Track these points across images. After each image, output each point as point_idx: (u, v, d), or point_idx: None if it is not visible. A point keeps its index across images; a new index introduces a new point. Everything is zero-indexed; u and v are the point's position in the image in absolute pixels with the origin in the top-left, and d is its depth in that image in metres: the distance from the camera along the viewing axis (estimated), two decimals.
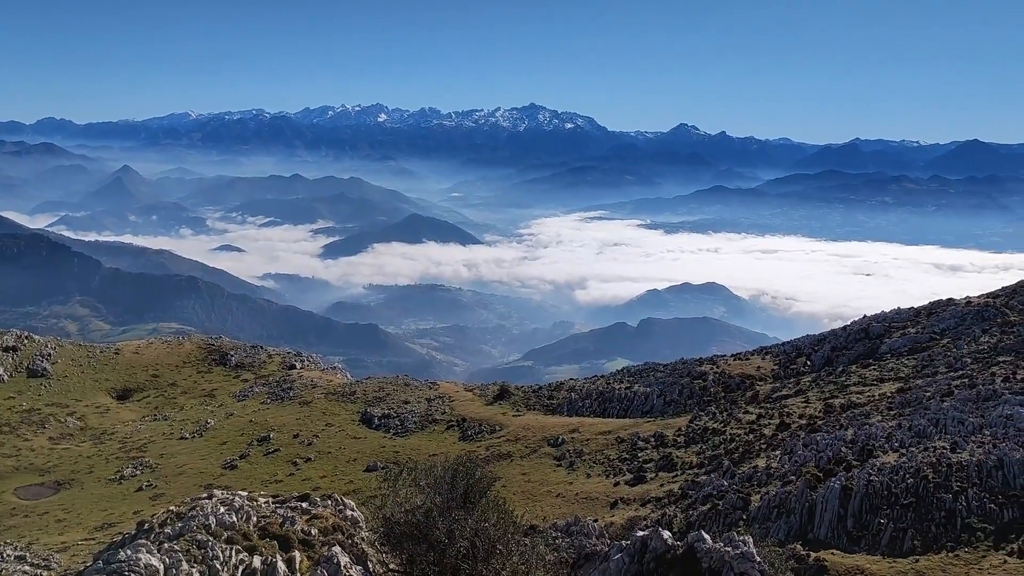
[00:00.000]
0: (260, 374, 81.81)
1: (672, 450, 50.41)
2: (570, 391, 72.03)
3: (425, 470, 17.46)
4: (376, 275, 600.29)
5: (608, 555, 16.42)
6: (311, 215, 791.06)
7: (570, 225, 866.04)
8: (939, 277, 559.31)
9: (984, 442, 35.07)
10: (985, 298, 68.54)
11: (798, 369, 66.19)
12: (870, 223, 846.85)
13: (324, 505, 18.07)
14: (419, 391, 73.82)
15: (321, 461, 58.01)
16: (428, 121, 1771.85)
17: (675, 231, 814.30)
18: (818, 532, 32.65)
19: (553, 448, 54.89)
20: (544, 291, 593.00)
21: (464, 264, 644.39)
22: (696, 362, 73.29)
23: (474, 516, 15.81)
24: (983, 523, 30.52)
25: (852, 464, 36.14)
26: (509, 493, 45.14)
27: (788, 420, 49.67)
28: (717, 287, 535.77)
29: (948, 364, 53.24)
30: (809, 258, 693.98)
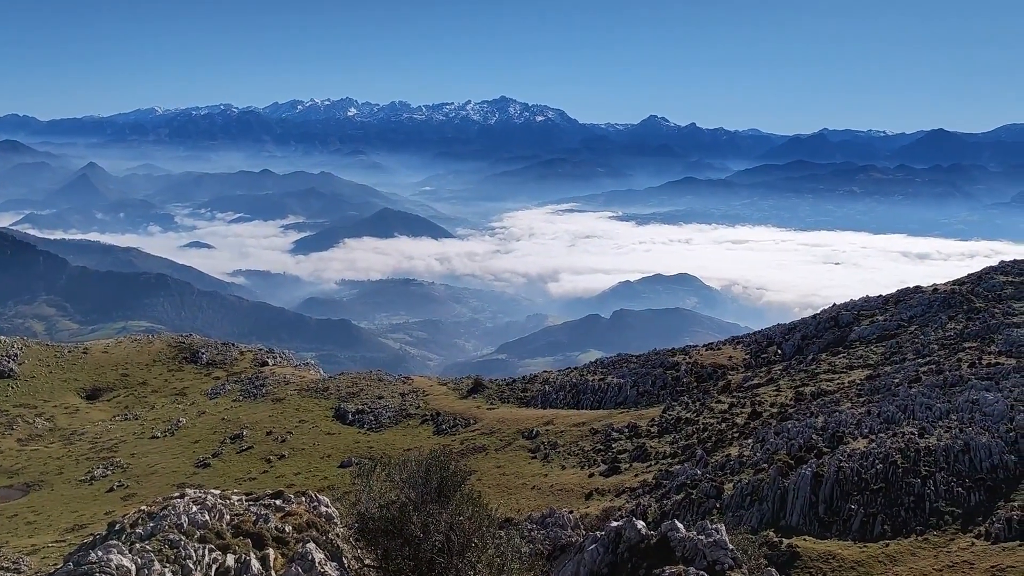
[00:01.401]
0: (232, 371, 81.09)
1: (646, 440, 50.72)
2: (544, 383, 72.17)
3: (399, 465, 17.40)
4: (348, 270, 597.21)
5: (583, 546, 16.50)
6: (281, 211, 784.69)
7: (542, 218, 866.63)
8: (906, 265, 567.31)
9: (951, 427, 35.66)
10: (951, 285, 69.63)
11: (769, 358, 66.85)
12: (838, 212, 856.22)
13: (298, 502, 17.96)
14: (393, 386, 73.61)
15: (295, 458, 57.68)
16: (398, 115, 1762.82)
17: (646, 223, 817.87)
18: (790, 519, 33.03)
19: (528, 440, 54.99)
20: (517, 284, 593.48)
21: (436, 258, 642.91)
22: (669, 353, 73.74)
23: (449, 510, 15.79)
24: (951, 507, 31.05)
25: (823, 451, 36.59)
26: (484, 486, 45.18)
27: (760, 409, 50.18)
28: (689, 278, 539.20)
29: (916, 351, 54.04)
30: (779, 248, 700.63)
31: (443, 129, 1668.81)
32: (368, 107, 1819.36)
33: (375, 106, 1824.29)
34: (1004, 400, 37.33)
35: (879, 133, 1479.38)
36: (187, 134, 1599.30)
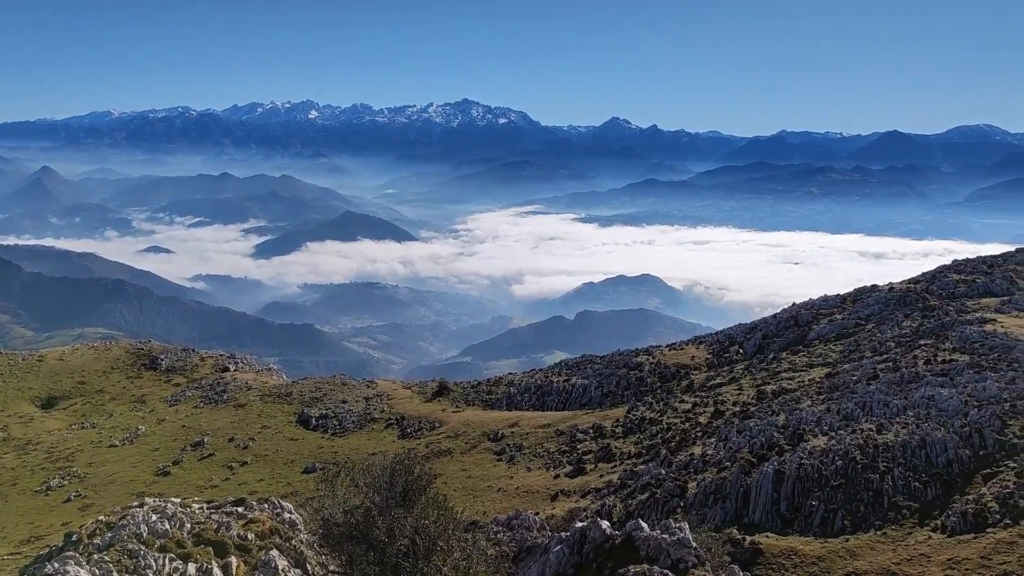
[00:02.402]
0: (192, 377, 79.96)
1: (611, 441, 50.99)
2: (509, 385, 72.22)
3: (363, 469, 17.32)
4: (310, 274, 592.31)
5: (548, 547, 16.55)
6: (242, 214, 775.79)
7: (505, 220, 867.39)
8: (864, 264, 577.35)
9: (908, 423, 36.37)
10: (907, 284, 71.05)
11: (731, 357, 67.60)
12: (797, 213, 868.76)
13: (261, 509, 17.77)
14: (357, 390, 73.14)
15: (258, 464, 57.02)
16: (360, 117, 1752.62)
17: (609, 224, 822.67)
18: (753, 516, 33.43)
19: (493, 443, 54.97)
20: (481, 286, 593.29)
21: (400, 261, 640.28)
22: (632, 353, 74.21)
23: (414, 514, 15.74)
24: (908, 501, 31.67)
25: (784, 449, 37.09)
26: (450, 489, 45.07)
27: (722, 408, 50.71)
28: (651, 279, 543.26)
29: (873, 348, 55.02)
30: (740, 248, 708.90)
31: (405, 132, 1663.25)
32: (329, 109, 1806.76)
33: (337, 108, 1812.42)
34: (958, 396, 38.16)
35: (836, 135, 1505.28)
36: (144, 137, 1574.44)
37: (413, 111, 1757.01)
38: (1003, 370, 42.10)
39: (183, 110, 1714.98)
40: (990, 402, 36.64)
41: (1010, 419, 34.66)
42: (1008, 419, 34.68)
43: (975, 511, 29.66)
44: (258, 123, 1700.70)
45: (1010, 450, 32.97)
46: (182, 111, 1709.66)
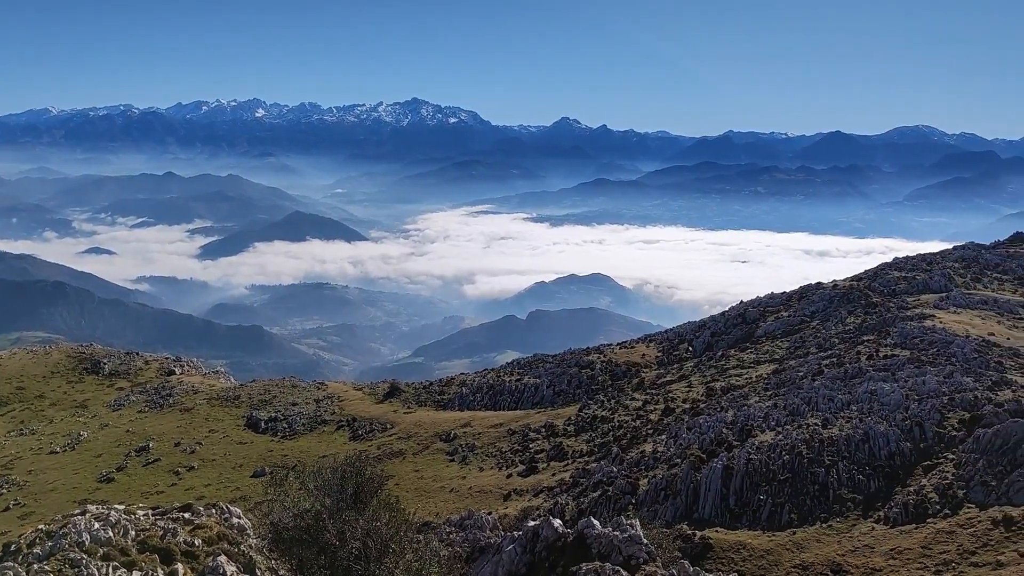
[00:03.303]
0: (136, 382, 78.22)
1: (563, 439, 51.20)
2: (461, 386, 72.09)
3: (314, 472, 17.11)
4: (258, 275, 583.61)
5: (501, 547, 16.55)
6: (187, 214, 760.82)
7: (457, 220, 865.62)
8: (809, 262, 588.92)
9: (852, 417, 37.20)
10: (850, 281, 72.66)
11: (681, 355, 68.39)
12: (744, 212, 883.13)
13: (208, 514, 17.43)
14: (307, 392, 72.34)
15: (205, 469, 56.02)
16: (308, 116, 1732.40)
17: (560, 224, 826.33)
18: (703, 511, 33.87)
19: (445, 443, 54.82)
20: (433, 287, 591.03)
21: (350, 261, 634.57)
22: (584, 352, 74.64)
23: (365, 516, 15.60)
24: (852, 493, 32.39)
25: (733, 444, 37.65)
26: (402, 491, 44.83)
27: (673, 405, 51.29)
28: (602, 278, 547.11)
29: (818, 345, 56.16)
30: (689, 247, 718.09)
31: (355, 131, 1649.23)
32: (277, 108, 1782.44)
33: (284, 107, 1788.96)
34: (900, 390, 39.14)
35: (781, 135, 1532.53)
36: (85, 136, 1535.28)
37: (362, 110, 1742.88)
38: (942, 364, 43.31)
39: (125, 108, 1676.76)
40: (930, 396, 37.66)
41: (949, 412, 35.67)
42: (947, 412, 35.68)
43: (916, 502, 30.47)
44: (203, 122, 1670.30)
45: (949, 442, 33.93)
46: (124, 109, 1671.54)
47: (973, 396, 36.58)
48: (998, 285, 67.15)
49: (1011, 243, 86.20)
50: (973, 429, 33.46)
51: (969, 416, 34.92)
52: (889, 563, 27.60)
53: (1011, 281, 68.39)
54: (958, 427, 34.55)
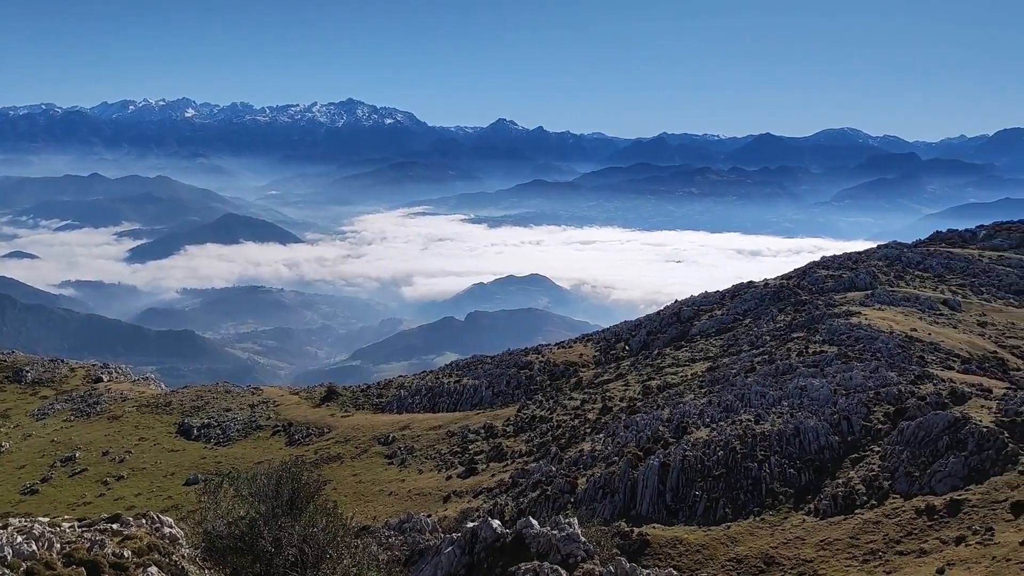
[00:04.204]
0: (61, 390, 75.68)
1: (502, 440, 51.31)
2: (399, 388, 71.66)
3: (248, 479, 16.79)
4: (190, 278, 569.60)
5: (440, 549, 16.51)
6: (114, 217, 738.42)
7: (394, 221, 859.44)
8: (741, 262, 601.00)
9: (783, 413, 38.13)
10: (780, 280, 74.46)
11: (618, 354, 69.15)
12: (679, 213, 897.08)
13: (138, 524, 16.96)
14: (241, 397, 71.03)
15: (135, 478, 54.54)
16: (240, 116, 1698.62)
17: (498, 225, 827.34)
18: (641, 508, 34.31)
19: (384, 446, 54.43)
20: (370, 289, 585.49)
21: (285, 264, 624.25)
22: (522, 352, 74.89)
23: (302, 522, 15.39)
24: (784, 487, 33.21)
25: (669, 442, 38.24)
26: (340, 495, 44.34)
27: (610, 404, 51.83)
28: (540, 278, 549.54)
29: (750, 342, 57.41)
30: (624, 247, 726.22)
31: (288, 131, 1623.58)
32: (207, 108, 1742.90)
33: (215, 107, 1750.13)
34: (828, 385, 40.27)
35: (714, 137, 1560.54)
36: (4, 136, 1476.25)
37: (296, 110, 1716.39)
38: (868, 360, 44.70)
39: (47, 107, 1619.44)
40: (856, 390, 38.84)
41: (875, 406, 36.85)
42: (873, 406, 36.85)
43: (844, 494, 31.39)
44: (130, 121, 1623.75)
45: (875, 435, 35.05)
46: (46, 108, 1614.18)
47: (897, 390, 37.85)
48: (919, 283, 69.63)
49: (931, 242, 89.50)
50: (897, 422, 34.63)
51: (894, 409, 36.13)
52: (819, 554, 28.38)
53: (931, 279, 70.98)
54: (883, 420, 35.72)
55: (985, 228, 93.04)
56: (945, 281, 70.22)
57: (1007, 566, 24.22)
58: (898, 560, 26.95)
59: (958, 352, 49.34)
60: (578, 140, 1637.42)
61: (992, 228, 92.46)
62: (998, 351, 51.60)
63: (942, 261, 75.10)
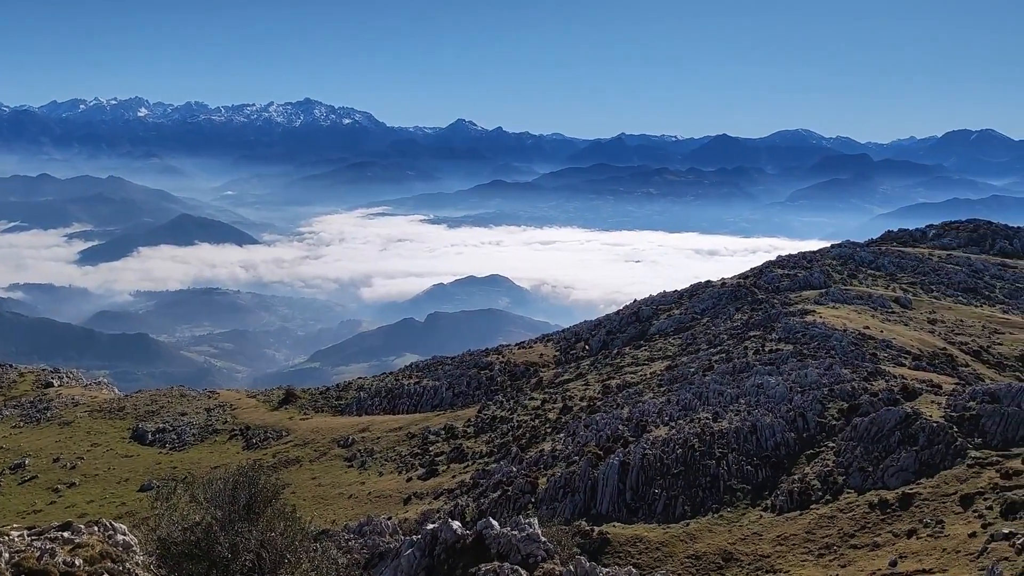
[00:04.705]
0: (10, 395, 73.80)
1: (463, 441, 51.22)
2: (359, 390, 71.20)
3: (204, 484, 16.52)
4: (144, 281, 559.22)
5: (399, 551, 16.43)
6: (64, 218, 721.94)
7: (352, 222, 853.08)
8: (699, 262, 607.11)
9: (740, 410, 38.63)
10: (737, 279, 75.44)
11: (578, 354, 69.48)
12: (638, 213, 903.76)
13: (90, 532, 16.61)
14: (197, 401, 69.97)
15: (88, 485, 53.42)
16: (195, 116, 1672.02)
17: (457, 225, 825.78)
18: (601, 507, 34.50)
19: (343, 449, 54.03)
20: (328, 290, 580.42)
21: (241, 265, 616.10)
22: (483, 353, 74.88)
23: (259, 527, 15.18)
24: (742, 484, 33.64)
25: (628, 440, 38.50)
26: (299, 499, 43.90)
27: (570, 403, 52.04)
28: (500, 279, 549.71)
29: (708, 341, 58.06)
30: (584, 248, 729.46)
31: (244, 132, 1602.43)
32: (161, 107, 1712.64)
33: (169, 106, 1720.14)
34: (784, 383, 40.90)
35: (671, 137, 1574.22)
36: None
37: (252, 110, 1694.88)
38: (822, 357, 45.49)
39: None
40: (811, 388, 39.50)
41: (829, 403, 37.51)
42: (827, 403, 37.51)
43: (800, 490, 31.90)
44: (81, 121, 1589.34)
45: (829, 431, 35.68)
46: None
47: (851, 387, 38.57)
48: (872, 281, 71.06)
49: (883, 241, 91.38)
50: (851, 418, 35.29)
51: (847, 406, 36.81)
52: (776, 549, 28.81)
53: (883, 277, 72.49)
54: (837, 416, 36.38)
55: (934, 228, 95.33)
56: (896, 279, 71.78)
57: (956, 558, 24.82)
58: (852, 554, 27.46)
59: (909, 349, 50.47)
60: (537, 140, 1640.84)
61: (941, 227, 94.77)
62: (947, 348, 52.88)
63: (893, 260, 76.72)
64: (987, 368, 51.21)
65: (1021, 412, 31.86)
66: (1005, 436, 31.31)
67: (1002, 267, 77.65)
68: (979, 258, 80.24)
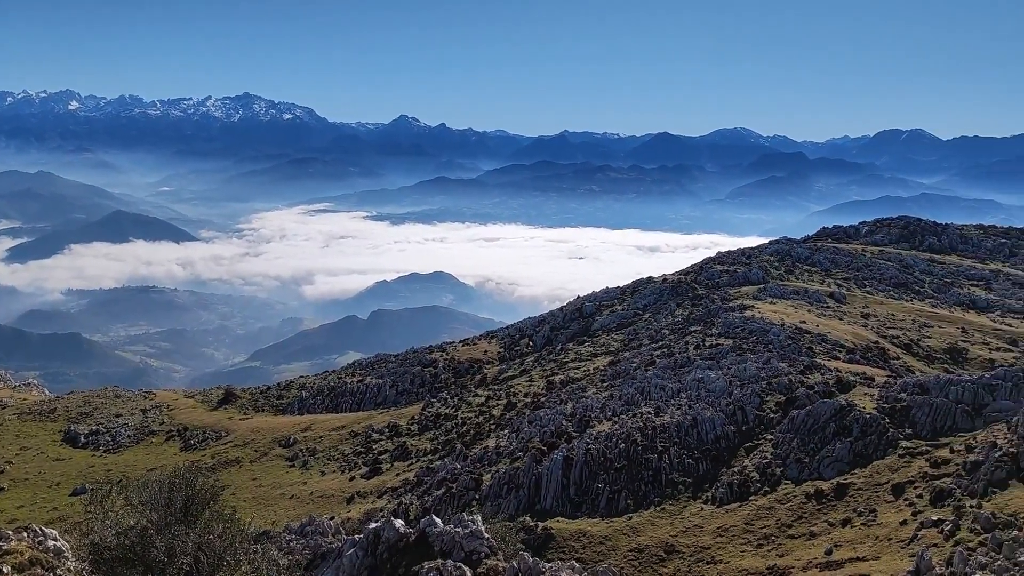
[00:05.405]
0: None
1: (407, 439, 50.93)
2: (301, 389, 70.31)
3: (139, 486, 16.11)
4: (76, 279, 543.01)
5: (342, 551, 16.26)
6: None
7: (293, 219, 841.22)
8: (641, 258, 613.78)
9: (681, 404, 39.16)
10: (678, 275, 76.49)
11: (522, 350, 69.66)
12: (581, 210, 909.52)
13: (19, 538, 16.06)
14: (133, 402, 68.32)
15: (17, 489, 51.66)
16: (129, 110, 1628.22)
17: (401, 222, 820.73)
18: (545, 502, 34.64)
19: (285, 449, 53.29)
20: (269, 288, 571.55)
21: (179, 263, 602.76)
22: (427, 350, 74.59)
23: (196, 530, 14.86)
24: (683, 477, 34.12)
25: (572, 436, 38.73)
26: (239, 501, 43.19)
27: (515, 399, 52.14)
28: (444, 275, 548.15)
29: (650, 337, 58.74)
30: (528, 244, 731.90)
31: (181, 126, 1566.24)
32: (93, 100, 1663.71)
33: (101, 100, 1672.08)
34: (724, 377, 41.59)
35: (614, 135, 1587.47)
36: None
37: (189, 104, 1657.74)
38: (760, 352, 46.39)
39: None
40: (750, 381, 40.25)
41: (767, 396, 38.28)
42: (765, 396, 38.27)
43: (739, 482, 32.49)
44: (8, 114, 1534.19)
45: (767, 424, 36.41)
46: None
47: (788, 380, 39.41)
48: (808, 277, 72.73)
49: (818, 238, 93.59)
50: (788, 411, 36.06)
51: (784, 399, 37.61)
52: (716, 540, 29.29)
53: (819, 273, 74.25)
54: (775, 409, 37.14)
55: (867, 225, 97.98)
56: (831, 275, 73.60)
57: (889, 545, 25.55)
58: (789, 543, 28.08)
59: (843, 343, 51.81)
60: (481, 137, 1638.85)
61: (873, 225, 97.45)
62: (880, 341, 54.43)
63: (828, 256, 78.64)
64: (917, 360, 52.88)
65: (949, 403, 32.96)
66: (934, 426, 32.35)
67: (931, 263, 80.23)
68: (909, 254, 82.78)
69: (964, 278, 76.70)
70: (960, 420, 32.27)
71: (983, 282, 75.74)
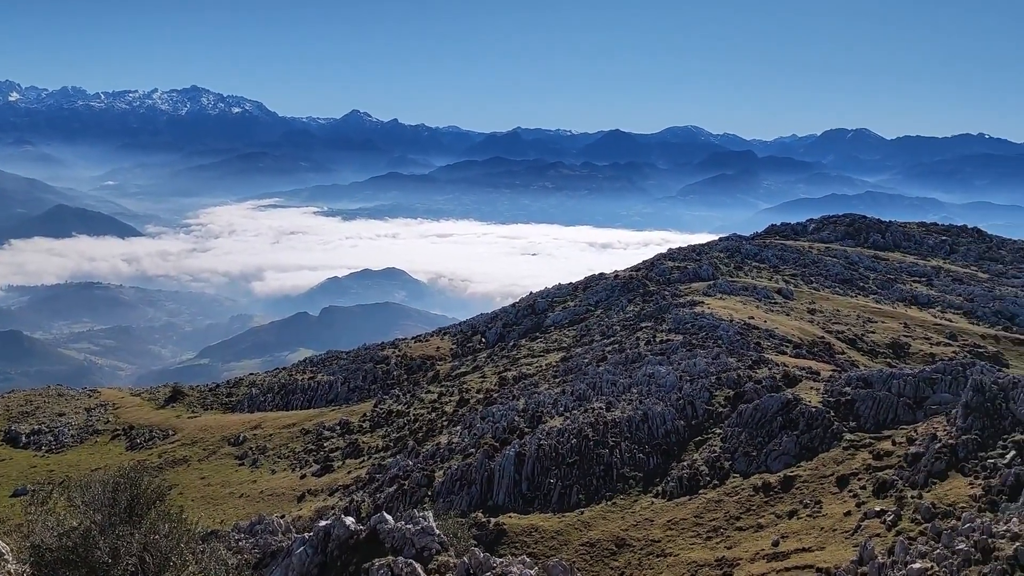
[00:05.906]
0: None
1: (358, 436, 50.62)
2: (250, 386, 69.37)
3: (81, 486, 15.75)
4: (15, 275, 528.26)
5: (291, 550, 16.11)
6: None
7: (243, 214, 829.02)
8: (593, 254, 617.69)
9: (632, 399, 39.56)
10: (630, 272, 77.18)
11: (475, 347, 69.66)
12: (533, 207, 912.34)
13: None
14: (76, 401, 66.72)
15: None
16: (72, 102, 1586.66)
17: (353, 218, 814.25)
18: (497, 498, 34.72)
19: (234, 447, 52.57)
20: (218, 284, 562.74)
21: (124, 259, 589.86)
22: (379, 347, 74.17)
23: (142, 530, 14.58)
24: (634, 471, 34.49)
25: (524, 431, 38.88)
26: (187, 500, 42.50)
27: (467, 396, 52.14)
28: (397, 272, 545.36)
29: (602, 332, 59.20)
30: (481, 241, 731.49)
31: (126, 119, 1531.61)
32: (34, 92, 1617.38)
33: (43, 91, 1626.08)
34: (674, 372, 42.12)
35: (566, 132, 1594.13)
36: None
37: (135, 97, 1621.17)
38: (710, 347, 47.07)
39: None
40: (700, 376, 40.82)
41: (716, 390, 38.86)
42: (715, 391, 38.85)
43: (689, 475, 32.95)
44: None
45: (716, 418, 36.97)
46: None
47: (736, 375, 40.06)
48: (757, 273, 73.97)
49: (767, 235, 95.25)
50: (736, 405, 36.66)
51: (733, 393, 38.22)
52: (667, 534, 29.67)
53: (767, 269, 75.57)
54: (724, 404, 37.73)
55: (814, 222, 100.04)
56: (779, 271, 74.95)
57: (833, 535, 26.16)
58: (738, 536, 28.57)
59: (790, 338, 52.82)
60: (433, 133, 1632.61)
61: (820, 222, 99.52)
62: (825, 336, 55.63)
63: (777, 252, 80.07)
64: (861, 355, 54.17)
65: (891, 396, 33.82)
66: (877, 419, 33.17)
67: (875, 259, 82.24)
68: (854, 251, 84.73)
69: (907, 274, 78.78)
70: (902, 413, 33.13)
71: (925, 278, 77.90)
